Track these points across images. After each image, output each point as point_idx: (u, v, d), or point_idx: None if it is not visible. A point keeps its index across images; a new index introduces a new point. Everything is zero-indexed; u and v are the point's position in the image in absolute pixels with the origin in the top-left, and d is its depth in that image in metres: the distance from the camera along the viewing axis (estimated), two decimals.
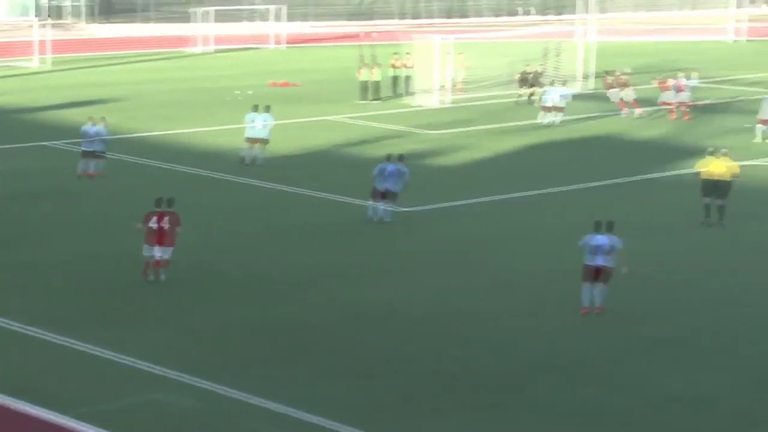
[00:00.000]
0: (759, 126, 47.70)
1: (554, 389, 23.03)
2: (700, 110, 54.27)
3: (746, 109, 54.15)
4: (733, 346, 25.56)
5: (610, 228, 27.33)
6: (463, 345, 25.37)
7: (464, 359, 24.52)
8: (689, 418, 21.81)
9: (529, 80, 57.31)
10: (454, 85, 58.31)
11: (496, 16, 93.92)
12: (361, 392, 22.79)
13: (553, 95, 51.67)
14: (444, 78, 57.89)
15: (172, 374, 23.04)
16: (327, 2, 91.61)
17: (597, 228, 27.28)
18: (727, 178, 34.32)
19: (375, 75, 56.95)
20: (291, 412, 21.47)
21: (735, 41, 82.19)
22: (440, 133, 49.38)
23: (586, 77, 60.30)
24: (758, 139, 47.55)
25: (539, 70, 57.75)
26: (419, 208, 36.29)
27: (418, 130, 49.86)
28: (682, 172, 41.33)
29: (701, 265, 31.48)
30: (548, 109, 51.37)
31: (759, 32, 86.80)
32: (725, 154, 35.20)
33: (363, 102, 56.42)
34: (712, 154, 35.31)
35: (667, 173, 41.81)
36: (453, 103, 56.48)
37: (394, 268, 30.93)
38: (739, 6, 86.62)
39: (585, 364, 24.36)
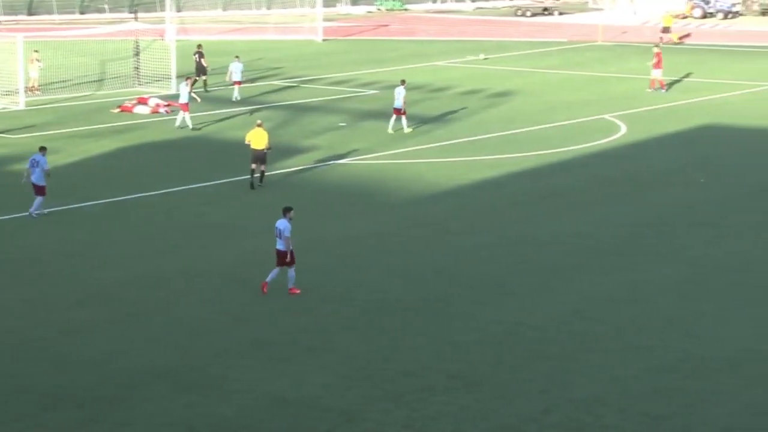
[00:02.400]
0: (394, 116, 47.98)
1: (158, 399, 22.00)
2: (298, 109, 53.80)
3: (337, 108, 53.89)
4: (339, 345, 25.03)
5: (285, 213, 27.97)
6: (61, 361, 23.89)
7: (60, 376, 23.12)
8: (294, 420, 21.31)
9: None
10: (30, 87, 54.98)
11: (75, 13, 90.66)
12: None
13: (183, 93, 48.51)
14: (28, 78, 55.18)
15: None
16: None
17: (284, 213, 27.87)
18: (262, 147, 38.20)
19: None
20: None
21: (324, 40, 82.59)
22: (22, 137, 46.57)
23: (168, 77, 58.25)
24: (390, 130, 47.93)
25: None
26: (7, 216, 34.68)
27: None
28: (281, 171, 40.85)
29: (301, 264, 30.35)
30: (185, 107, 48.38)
31: (337, 32, 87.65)
32: (260, 125, 38.98)
33: None
34: (260, 126, 39.11)
35: (276, 171, 40.78)
36: (33, 105, 53.80)
37: None
38: (316, 6, 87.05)
39: (192, 370, 23.42)
